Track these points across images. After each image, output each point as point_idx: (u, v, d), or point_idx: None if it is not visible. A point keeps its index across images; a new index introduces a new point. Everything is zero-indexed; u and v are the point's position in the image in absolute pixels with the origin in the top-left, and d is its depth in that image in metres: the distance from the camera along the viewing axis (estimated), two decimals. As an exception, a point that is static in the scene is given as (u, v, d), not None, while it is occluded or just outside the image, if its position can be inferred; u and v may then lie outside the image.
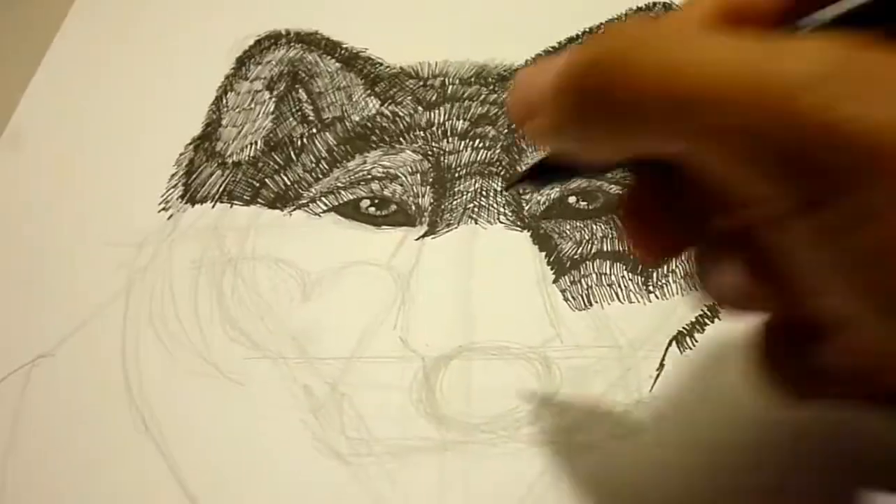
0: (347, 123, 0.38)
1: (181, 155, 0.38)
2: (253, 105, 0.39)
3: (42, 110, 0.40)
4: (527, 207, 0.34)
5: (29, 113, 0.40)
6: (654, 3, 0.41)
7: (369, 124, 0.38)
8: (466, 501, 0.27)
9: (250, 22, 0.42)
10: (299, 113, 0.38)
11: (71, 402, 0.30)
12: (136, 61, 0.42)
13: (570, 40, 0.40)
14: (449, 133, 0.37)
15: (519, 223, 0.34)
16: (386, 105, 0.38)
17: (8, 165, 0.38)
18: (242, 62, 0.41)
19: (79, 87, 0.41)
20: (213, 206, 0.35)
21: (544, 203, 0.34)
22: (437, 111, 0.38)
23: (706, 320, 0.30)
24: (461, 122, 0.37)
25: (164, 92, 0.40)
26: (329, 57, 0.41)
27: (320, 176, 0.36)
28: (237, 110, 0.39)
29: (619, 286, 0.32)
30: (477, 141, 0.37)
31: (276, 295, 0.32)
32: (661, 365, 0.29)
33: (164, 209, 0.36)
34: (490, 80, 0.39)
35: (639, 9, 0.41)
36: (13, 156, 0.38)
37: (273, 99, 0.39)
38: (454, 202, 0.34)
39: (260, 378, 0.30)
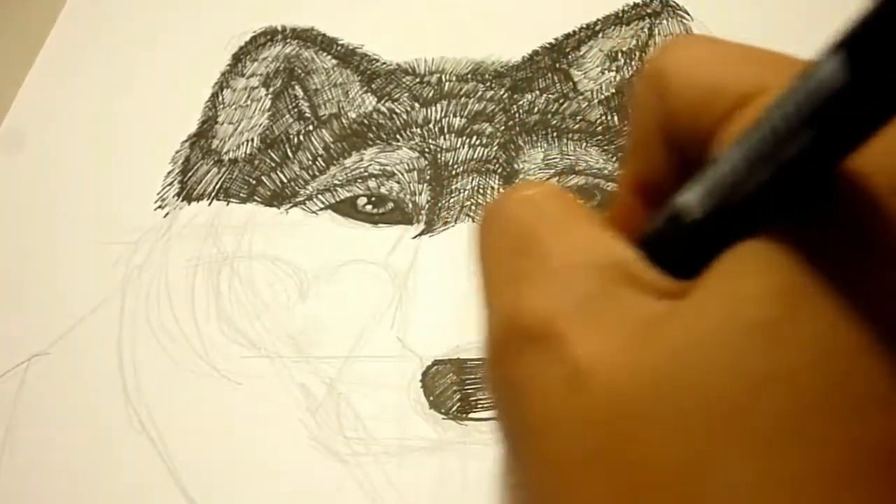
0: (344, 120, 0.38)
1: (177, 152, 0.37)
2: (249, 102, 0.39)
3: (37, 108, 0.40)
4: (524, 206, 0.34)
5: (24, 111, 0.40)
6: (651, 0, 0.41)
7: (366, 121, 0.38)
8: (464, 501, 0.27)
9: (246, 18, 0.42)
10: (296, 110, 0.38)
11: (67, 401, 0.30)
12: (132, 58, 0.42)
13: (567, 37, 0.40)
14: (446, 130, 0.37)
15: (516, 221, 0.34)
16: (382, 102, 0.38)
17: (2, 164, 0.38)
18: (238, 59, 0.41)
19: (74, 84, 0.41)
20: (210, 204, 0.35)
21: (542, 201, 0.34)
22: (433, 108, 0.38)
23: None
24: (458, 118, 0.37)
25: (160, 89, 0.40)
26: (325, 53, 0.40)
27: (317, 173, 0.36)
28: (233, 107, 0.39)
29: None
30: (474, 138, 0.36)
31: (273, 293, 0.32)
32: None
33: (160, 207, 0.35)
34: (487, 76, 0.39)
35: (635, 5, 0.41)
36: (8, 154, 0.38)
37: (269, 96, 0.39)
38: (451, 200, 0.34)
39: (257, 377, 0.30)
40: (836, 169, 0.13)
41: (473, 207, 0.34)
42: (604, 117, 0.37)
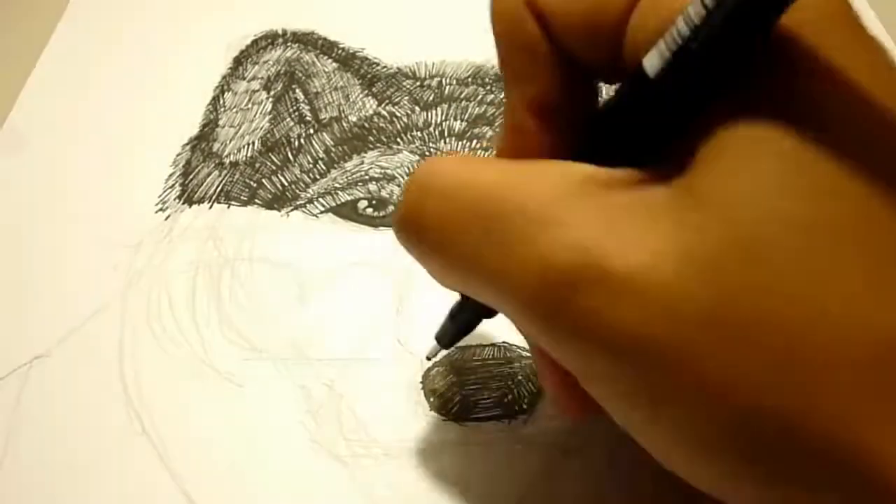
0: (345, 124, 0.38)
1: (178, 155, 0.37)
2: (250, 105, 0.39)
3: (38, 111, 0.40)
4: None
5: (25, 113, 0.40)
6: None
7: (366, 125, 0.38)
8: (465, 502, 0.27)
9: (247, 22, 0.42)
10: (296, 113, 0.38)
11: (68, 404, 0.30)
12: (133, 61, 0.42)
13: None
14: (446, 134, 0.37)
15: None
16: (383, 105, 0.38)
17: (3, 166, 0.38)
18: (239, 62, 0.41)
19: (75, 87, 0.41)
20: (211, 207, 0.35)
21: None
22: (434, 111, 0.38)
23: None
24: (458, 122, 0.37)
25: (161, 92, 0.40)
26: (326, 57, 0.40)
27: (318, 177, 0.36)
28: (234, 110, 0.39)
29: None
30: (474, 142, 0.37)
31: (274, 296, 0.32)
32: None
33: (161, 210, 0.36)
34: (487, 80, 0.39)
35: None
36: (9, 156, 0.38)
37: (270, 99, 0.39)
38: (452, 203, 0.34)
39: (258, 380, 0.30)
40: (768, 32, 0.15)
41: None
42: (604, 121, 0.37)
